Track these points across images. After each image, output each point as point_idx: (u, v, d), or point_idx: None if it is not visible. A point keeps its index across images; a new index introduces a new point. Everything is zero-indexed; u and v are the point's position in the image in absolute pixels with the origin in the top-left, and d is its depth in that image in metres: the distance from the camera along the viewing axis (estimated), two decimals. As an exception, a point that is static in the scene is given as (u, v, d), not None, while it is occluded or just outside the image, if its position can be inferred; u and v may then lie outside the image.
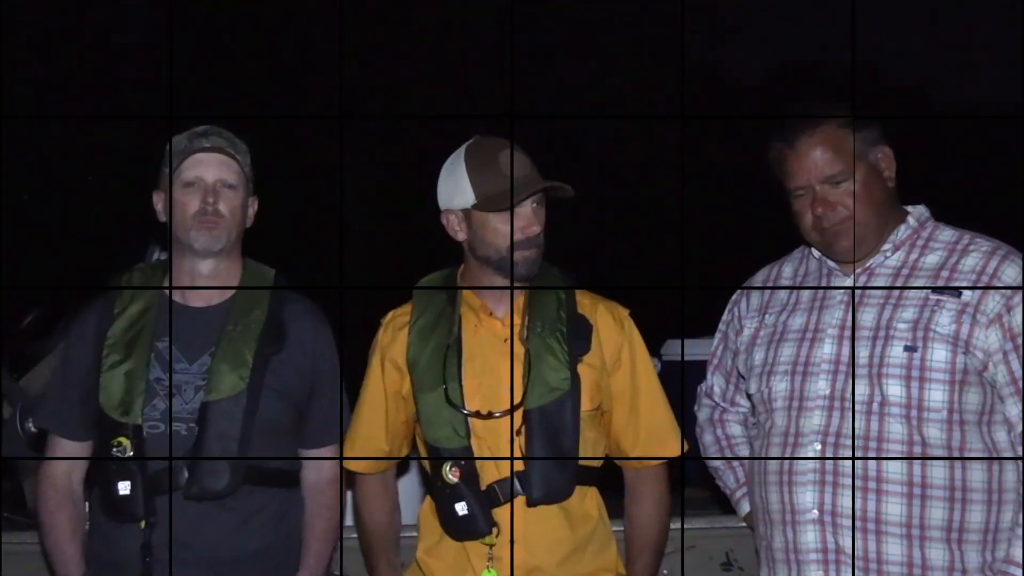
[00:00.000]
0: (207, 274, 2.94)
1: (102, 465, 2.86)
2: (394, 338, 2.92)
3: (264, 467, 2.91)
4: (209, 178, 2.90)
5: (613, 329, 2.92)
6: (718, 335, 3.11)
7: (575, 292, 2.94)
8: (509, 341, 2.85)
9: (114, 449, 2.82)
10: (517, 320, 2.87)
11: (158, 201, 2.96)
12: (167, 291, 2.93)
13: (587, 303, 2.94)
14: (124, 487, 2.81)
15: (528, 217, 2.81)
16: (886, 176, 2.78)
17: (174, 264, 2.94)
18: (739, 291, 3.05)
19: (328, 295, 3.43)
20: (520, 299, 2.89)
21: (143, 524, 2.81)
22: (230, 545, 2.87)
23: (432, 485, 2.85)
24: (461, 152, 2.87)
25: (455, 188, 2.84)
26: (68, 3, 14.45)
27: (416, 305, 2.93)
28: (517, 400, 2.80)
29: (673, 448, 2.97)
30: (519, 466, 2.79)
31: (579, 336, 2.86)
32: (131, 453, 2.81)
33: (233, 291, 2.95)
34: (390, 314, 2.98)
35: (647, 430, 2.93)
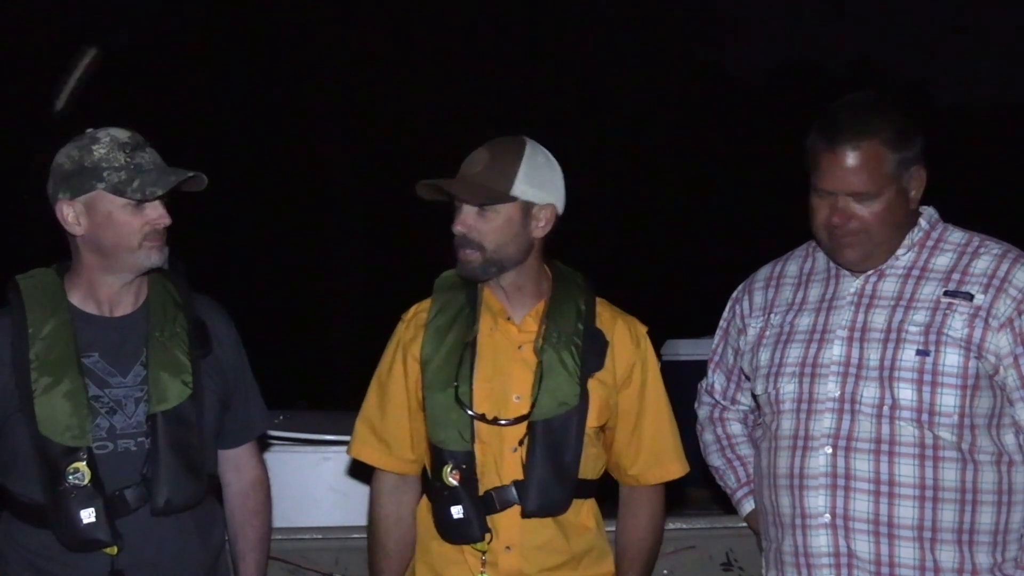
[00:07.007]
0: (127, 283, 2.79)
1: (55, 497, 2.65)
2: (416, 335, 2.86)
3: (212, 474, 2.85)
4: (158, 202, 2.75)
5: (629, 346, 2.87)
6: (719, 332, 3.06)
7: (596, 303, 2.88)
8: (522, 348, 2.80)
9: (71, 477, 2.64)
10: (534, 327, 2.81)
11: (70, 212, 2.73)
12: (73, 302, 2.77)
13: (606, 316, 2.88)
14: (88, 515, 2.64)
15: (458, 214, 2.77)
16: (912, 197, 2.70)
17: (87, 276, 2.77)
18: (741, 288, 3.00)
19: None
20: (540, 305, 2.84)
21: (115, 550, 2.66)
22: (193, 560, 2.78)
23: (430, 486, 2.81)
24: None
25: None
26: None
27: (435, 301, 2.87)
28: (525, 410, 2.76)
29: (673, 471, 2.93)
30: (518, 475, 2.75)
31: (594, 351, 2.80)
32: (89, 478, 2.64)
33: (146, 297, 2.82)
34: (412, 309, 2.91)
35: (648, 451, 2.89)
